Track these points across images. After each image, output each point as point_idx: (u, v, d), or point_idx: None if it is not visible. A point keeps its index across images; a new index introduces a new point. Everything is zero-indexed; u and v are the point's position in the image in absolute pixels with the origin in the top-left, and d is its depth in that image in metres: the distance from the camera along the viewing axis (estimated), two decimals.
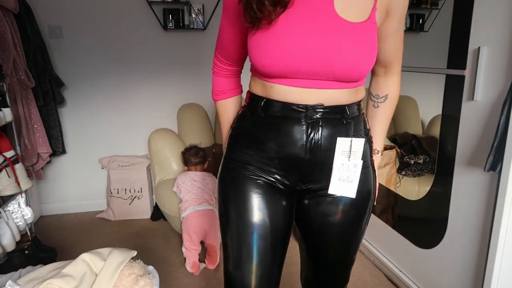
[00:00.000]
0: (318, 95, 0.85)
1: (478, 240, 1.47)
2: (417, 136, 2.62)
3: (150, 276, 1.29)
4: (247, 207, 0.92)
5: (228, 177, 0.96)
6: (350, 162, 0.89)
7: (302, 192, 0.95)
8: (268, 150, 0.90)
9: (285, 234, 0.96)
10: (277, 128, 0.89)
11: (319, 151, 0.88)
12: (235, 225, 0.93)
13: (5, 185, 1.87)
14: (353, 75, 0.83)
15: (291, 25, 0.80)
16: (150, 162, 2.70)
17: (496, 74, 1.32)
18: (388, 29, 0.89)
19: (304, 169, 0.91)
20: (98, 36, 2.73)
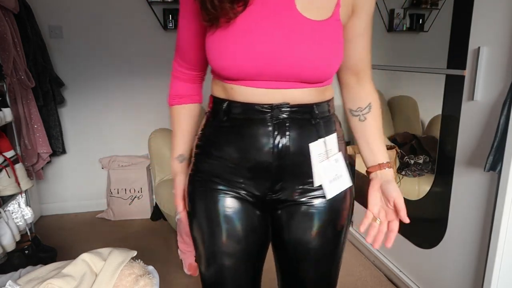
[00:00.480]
0: (283, 95, 0.78)
1: (478, 240, 1.47)
2: (417, 136, 2.63)
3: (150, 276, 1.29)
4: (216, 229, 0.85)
5: (196, 191, 0.88)
6: (331, 161, 0.83)
7: (273, 203, 0.86)
8: (233, 157, 0.82)
9: (259, 251, 0.89)
10: (241, 132, 0.80)
11: (288, 155, 0.80)
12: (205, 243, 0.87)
13: (5, 185, 1.87)
14: (319, 75, 0.77)
15: (251, 25, 0.74)
16: (150, 162, 2.70)
17: (496, 74, 1.32)
18: (356, 29, 0.82)
19: (273, 176, 0.82)
20: (98, 36, 2.73)
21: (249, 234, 0.86)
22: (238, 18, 0.74)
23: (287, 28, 0.74)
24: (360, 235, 2.36)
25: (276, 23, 0.74)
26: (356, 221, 2.41)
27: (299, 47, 0.73)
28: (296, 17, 0.74)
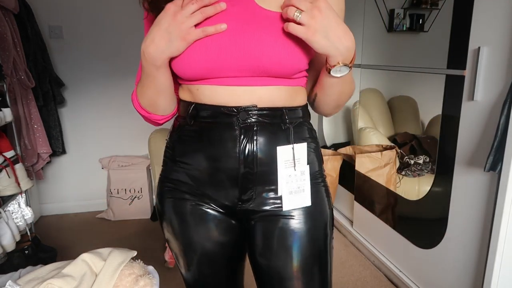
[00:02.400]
0: (250, 95, 0.73)
1: (478, 240, 1.47)
2: (417, 136, 2.63)
3: (150, 276, 1.29)
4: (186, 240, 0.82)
5: (165, 201, 0.84)
6: (296, 171, 0.76)
7: (245, 213, 0.79)
8: (200, 165, 0.77)
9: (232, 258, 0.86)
10: (207, 137, 0.75)
11: (255, 162, 0.74)
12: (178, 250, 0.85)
13: (5, 185, 1.87)
14: (283, 65, 0.71)
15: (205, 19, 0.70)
16: (150, 162, 2.70)
17: (496, 74, 1.32)
18: None
19: (240, 184, 0.76)
20: (98, 36, 2.73)
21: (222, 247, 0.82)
22: None
23: (244, 18, 0.70)
24: (360, 235, 2.36)
25: (232, 14, 0.70)
26: (356, 221, 2.41)
27: (258, 36, 0.68)
28: (254, 8, 0.71)
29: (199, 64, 0.71)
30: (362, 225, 2.36)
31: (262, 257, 0.80)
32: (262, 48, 0.68)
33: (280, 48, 0.69)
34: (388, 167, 2.22)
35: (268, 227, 0.78)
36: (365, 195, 2.30)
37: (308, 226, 0.78)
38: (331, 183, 2.36)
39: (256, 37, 0.69)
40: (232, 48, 0.69)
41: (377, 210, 2.17)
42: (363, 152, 2.36)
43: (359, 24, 2.41)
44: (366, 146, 2.44)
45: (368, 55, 2.40)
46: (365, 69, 2.38)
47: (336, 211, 2.71)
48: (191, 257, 0.83)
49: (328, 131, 3.01)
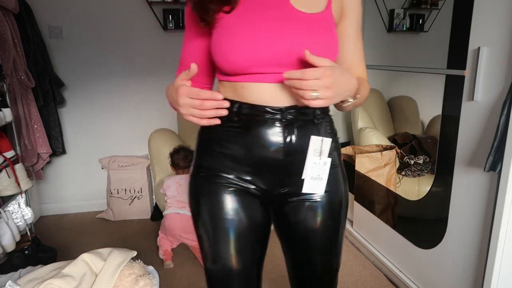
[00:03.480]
0: (290, 94, 0.82)
1: (478, 240, 1.47)
2: (417, 136, 2.63)
3: (150, 276, 1.29)
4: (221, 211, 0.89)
5: (199, 188, 0.93)
6: (321, 160, 0.87)
7: (281, 197, 0.91)
8: (240, 154, 0.86)
9: (262, 236, 0.95)
10: (251, 132, 0.84)
11: (295, 152, 0.85)
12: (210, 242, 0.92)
13: (5, 185, 1.87)
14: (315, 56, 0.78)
15: (240, 18, 0.80)
16: (150, 162, 2.70)
17: (496, 74, 1.32)
18: (345, 31, 0.89)
19: (283, 171, 0.88)
20: (98, 36, 2.73)
21: (252, 229, 0.91)
22: (235, 15, 0.81)
23: (281, 20, 0.79)
24: (360, 236, 2.36)
25: (270, 16, 0.80)
26: (356, 221, 2.41)
27: (293, 35, 0.78)
28: (290, 10, 0.81)
29: (244, 57, 0.79)
30: (362, 225, 2.36)
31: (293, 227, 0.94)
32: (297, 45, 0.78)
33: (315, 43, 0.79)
34: (388, 167, 2.22)
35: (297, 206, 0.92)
36: (365, 195, 2.30)
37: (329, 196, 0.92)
38: None
39: (292, 36, 0.79)
40: (270, 46, 0.78)
41: (377, 210, 2.17)
42: (363, 152, 2.36)
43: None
44: (366, 146, 2.44)
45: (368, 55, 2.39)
46: None
47: None
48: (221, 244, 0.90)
49: None
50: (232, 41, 0.79)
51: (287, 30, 0.79)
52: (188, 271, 2.16)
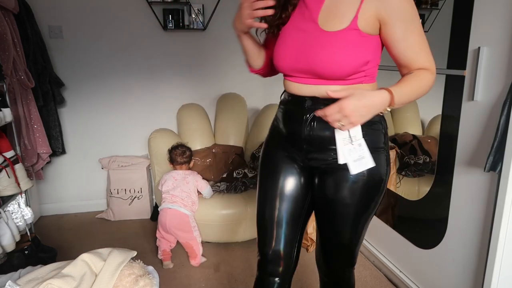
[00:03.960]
0: (312, 89, 1.07)
1: (478, 240, 1.47)
2: (417, 136, 2.62)
3: (150, 277, 1.29)
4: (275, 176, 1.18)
5: (264, 147, 1.26)
6: (354, 144, 1.02)
7: (310, 169, 1.15)
8: (286, 129, 1.16)
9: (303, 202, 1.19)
10: (287, 113, 1.16)
11: (314, 130, 1.08)
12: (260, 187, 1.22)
13: (5, 185, 1.87)
14: (329, 73, 1.02)
15: (286, 38, 1.10)
16: (150, 162, 2.70)
17: (496, 74, 1.32)
18: (392, 37, 1.00)
19: (305, 145, 1.11)
20: (98, 36, 2.73)
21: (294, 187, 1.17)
22: (282, 33, 1.12)
23: (307, 38, 1.05)
24: None
25: (301, 34, 1.06)
26: None
27: (315, 52, 1.02)
28: (316, 30, 1.03)
29: (281, 66, 1.12)
30: None
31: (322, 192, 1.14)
32: (317, 60, 1.02)
33: (331, 61, 1.00)
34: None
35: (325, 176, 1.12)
36: None
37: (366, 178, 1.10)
38: None
39: (314, 52, 1.02)
40: (299, 58, 1.06)
41: (377, 210, 2.17)
42: None
43: None
44: None
45: None
46: None
47: None
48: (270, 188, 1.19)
49: None
50: (276, 54, 1.13)
51: (312, 48, 1.02)
52: (188, 271, 2.16)
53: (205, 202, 2.32)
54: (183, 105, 2.91)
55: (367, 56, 1.01)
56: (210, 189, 2.33)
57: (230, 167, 2.69)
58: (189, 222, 2.19)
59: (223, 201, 2.32)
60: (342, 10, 1.01)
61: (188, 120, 2.84)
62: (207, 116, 2.94)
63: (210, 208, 2.31)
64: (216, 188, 2.47)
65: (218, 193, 2.41)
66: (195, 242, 2.20)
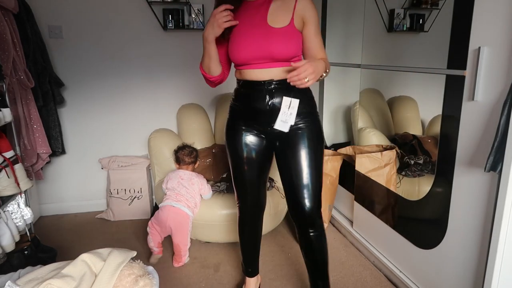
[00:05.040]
0: (268, 73, 1.48)
1: (478, 240, 1.46)
2: (417, 137, 2.62)
3: (150, 277, 1.29)
4: (240, 147, 1.59)
5: (227, 127, 1.65)
6: (288, 111, 1.46)
7: (274, 134, 1.53)
8: (247, 108, 1.56)
9: (267, 163, 1.65)
10: (249, 96, 1.55)
11: (274, 107, 1.49)
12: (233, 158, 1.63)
13: (4, 185, 1.86)
14: (280, 54, 1.45)
15: (242, 34, 1.49)
16: (150, 162, 2.70)
17: (497, 74, 1.32)
18: (309, 33, 1.50)
19: (267, 117, 1.52)
20: (98, 36, 2.73)
21: (259, 153, 1.59)
22: (237, 33, 1.49)
23: (262, 33, 1.46)
24: (360, 236, 2.35)
25: (256, 31, 1.47)
26: (356, 221, 2.41)
27: (271, 41, 1.44)
28: (267, 27, 1.47)
29: (241, 57, 1.49)
30: (362, 225, 2.36)
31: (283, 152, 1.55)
32: (271, 47, 1.44)
33: (282, 47, 1.45)
34: (388, 167, 2.21)
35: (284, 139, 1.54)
36: (365, 195, 2.29)
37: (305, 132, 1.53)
38: (331, 183, 2.36)
39: (268, 42, 1.44)
40: (257, 48, 1.46)
41: (377, 210, 2.17)
42: (363, 152, 2.36)
43: (359, 24, 2.41)
44: (366, 146, 2.44)
45: (368, 55, 2.40)
46: (365, 69, 2.38)
47: (336, 211, 2.71)
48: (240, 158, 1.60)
49: (328, 131, 3.01)
50: (236, 48, 1.49)
51: (265, 40, 1.45)
52: (188, 271, 2.16)
53: (205, 202, 2.32)
54: (183, 105, 2.91)
55: (299, 45, 1.50)
56: (211, 194, 2.34)
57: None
58: (188, 224, 2.19)
59: (223, 201, 2.32)
60: (282, 14, 1.47)
61: (188, 120, 2.84)
62: (207, 116, 2.94)
63: (210, 208, 2.31)
64: (216, 188, 2.47)
65: (218, 193, 2.41)
66: (185, 247, 2.20)
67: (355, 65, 2.44)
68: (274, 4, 1.49)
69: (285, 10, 1.48)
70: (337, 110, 3.03)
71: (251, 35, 1.46)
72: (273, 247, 2.38)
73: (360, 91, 2.54)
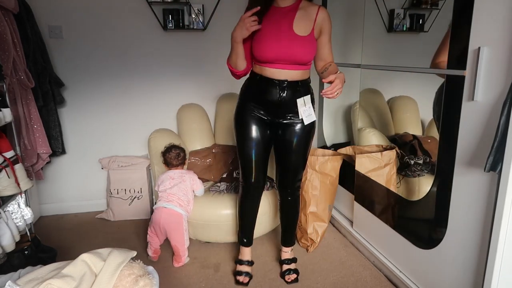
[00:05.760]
0: (285, 74, 1.74)
1: (478, 240, 1.46)
2: (417, 137, 2.62)
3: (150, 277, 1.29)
4: (249, 128, 1.85)
5: (240, 112, 1.89)
6: (306, 107, 1.79)
7: (277, 124, 1.84)
8: (260, 100, 1.81)
9: (268, 147, 1.92)
10: (264, 90, 1.79)
11: (285, 101, 1.78)
12: (242, 138, 1.88)
13: (5, 185, 1.86)
14: (302, 60, 1.72)
15: (269, 37, 1.71)
16: (150, 162, 2.70)
17: (496, 74, 1.32)
18: (323, 41, 1.78)
19: (279, 110, 1.81)
20: (98, 36, 2.73)
21: (264, 136, 1.87)
22: (264, 34, 1.72)
23: (288, 38, 1.70)
24: (360, 236, 2.36)
25: (283, 35, 1.70)
26: (356, 221, 2.41)
27: (295, 47, 1.70)
28: (292, 33, 1.71)
29: (265, 57, 1.72)
30: (362, 225, 2.36)
31: (282, 138, 1.86)
32: (294, 52, 1.70)
33: (301, 52, 1.71)
34: (388, 167, 2.21)
35: (286, 128, 1.84)
36: (365, 195, 2.29)
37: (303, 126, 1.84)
38: (331, 183, 2.36)
39: (292, 47, 1.69)
40: (282, 51, 1.70)
41: (377, 210, 2.17)
42: (363, 152, 2.36)
43: (359, 24, 2.41)
44: (366, 146, 2.44)
45: (368, 55, 2.40)
46: (365, 69, 2.38)
47: (336, 211, 2.71)
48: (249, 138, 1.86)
49: (328, 131, 3.01)
50: (263, 48, 1.72)
51: (291, 44, 1.69)
52: (188, 271, 2.16)
53: (206, 202, 2.32)
54: (183, 105, 2.91)
55: (315, 51, 1.78)
56: (203, 189, 2.35)
57: (230, 167, 2.69)
58: (182, 223, 2.19)
59: (223, 201, 2.32)
60: (305, 23, 1.71)
61: (188, 120, 2.84)
62: (207, 116, 2.94)
63: (210, 208, 2.31)
64: (216, 188, 2.47)
65: (218, 193, 2.41)
66: (183, 247, 2.20)
67: (355, 65, 2.44)
68: (299, 13, 1.72)
69: (308, 20, 1.72)
70: (337, 110, 3.03)
71: (277, 38, 1.68)
72: (273, 247, 2.38)
73: (360, 91, 2.54)
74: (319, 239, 2.35)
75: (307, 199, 2.32)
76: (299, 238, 2.42)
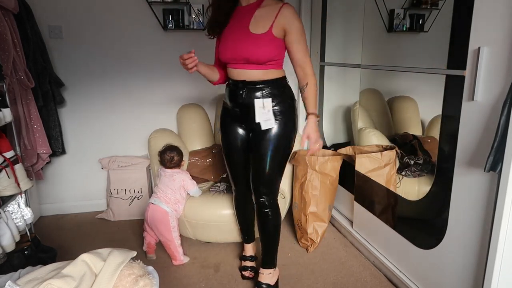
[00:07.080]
0: (243, 74, 1.70)
1: (478, 240, 1.46)
2: (417, 137, 2.62)
3: (150, 277, 1.29)
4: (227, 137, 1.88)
5: (219, 118, 1.94)
6: (265, 110, 1.69)
7: (251, 128, 1.79)
8: (233, 104, 1.80)
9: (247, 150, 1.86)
10: (233, 92, 1.77)
11: (246, 102, 1.73)
12: (223, 147, 1.92)
13: (4, 185, 1.87)
14: (257, 59, 1.64)
15: (227, 38, 1.72)
16: (150, 162, 2.70)
17: (496, 74, 1.32)
18: (290, 40, 1.67)
19: (244, 113, 1.77)
20: (98, 36, 2.73)
21: (243, 141, 1.86)
22: (224, 35, 1.73)
23: (243, 37, 1.65)
24: (360, 236, 2.36)
25: (238, 34, 1.68)
26: (356, 221, 2.41)
27: (247, 46, 1.64)
28: (247, 32, 1.65)
29: (225, 57, 1.73)
30: (362, 225, 2.36)
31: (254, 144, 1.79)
32: (249, 51, 1.64)
33: (257, 52, 1.63)
34: (388, 167, 2.21)
35: (256, 134, 1.78)
36: (365, 195, 2.30)
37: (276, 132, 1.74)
38: (331, 183, 2.36)
39: (247, 46, 1.64)
40: (237, 51, 1.67)
41: (377, 210, 2.17)
42: (363, 152, 2.36)
43: (359, 24, 2.41)
44: (366, 146, 2.44)
45: (368, 55, 2.40)
46: (365, 69, 2.38)
47: (336, 211, 2.71)
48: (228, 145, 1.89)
49: (328, 131, 3.01)
50: (220, 49, 1.76)
51: (243, 43, 1.65)
52: (188, 271, 2.16)
53: (206, 202, 2.33)
54: (183, 105, 2.91)
55: (276, 51, 1.66)
56: (197, 189, 2.34)
57: None
58: (169, 220, 2.20)
59: (223, 201, 2.32)
60: (263, 21, 1.64)
61: (188, 120, 2.84)
62: (207, 116, 2.94)
63: (210, 208, 2.31)
64: (216, 188, 2.47)
65: (218, 193, 2.41)
66: (173, 244, 2.20)
67: (355, 65, 2.44)
68: (260, 11, 1.66)
69: (267, 18, 1.64)
70: (337, 110, 3.03)
71: (232, 38, 1.68)
72: None
73: (360, 91, 2.54)
74: (319, 239, 2.35)
75: (307, 199, 2.32)
76: (299, 238, 2.42)
